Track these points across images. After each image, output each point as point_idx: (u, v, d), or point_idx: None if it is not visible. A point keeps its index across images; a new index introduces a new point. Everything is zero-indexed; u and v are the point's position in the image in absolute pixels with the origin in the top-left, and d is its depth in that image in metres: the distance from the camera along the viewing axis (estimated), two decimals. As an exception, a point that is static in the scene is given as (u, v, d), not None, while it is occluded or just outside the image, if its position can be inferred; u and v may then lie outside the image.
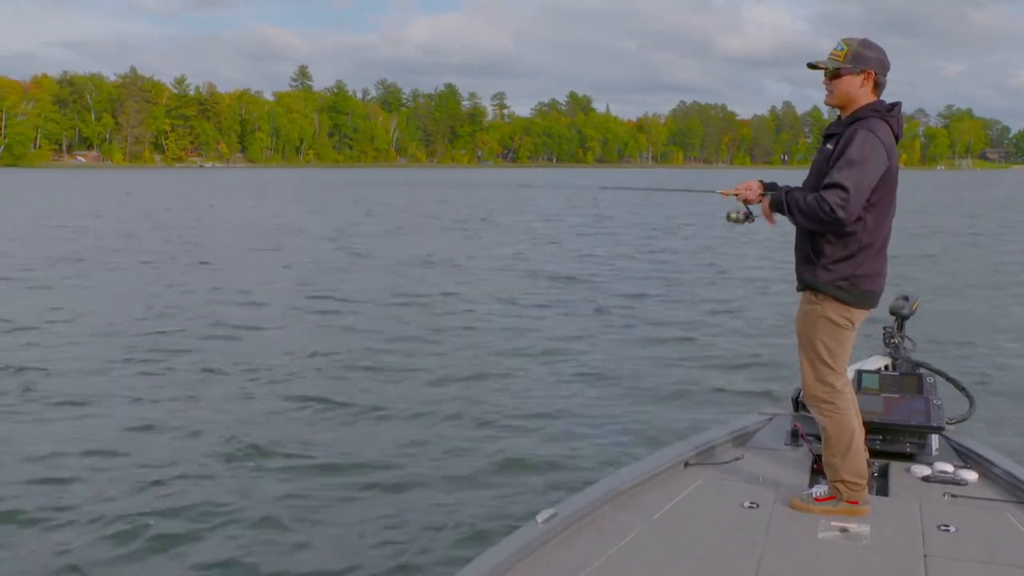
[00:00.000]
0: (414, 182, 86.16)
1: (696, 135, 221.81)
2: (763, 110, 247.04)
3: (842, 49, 3.96)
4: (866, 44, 3.98)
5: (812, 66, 4.04)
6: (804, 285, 4.07)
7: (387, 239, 26.77)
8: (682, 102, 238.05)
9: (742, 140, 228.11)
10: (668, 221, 36.08)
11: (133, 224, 31.91)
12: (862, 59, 3.94)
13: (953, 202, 54.75)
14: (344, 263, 20.47)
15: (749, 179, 4.27)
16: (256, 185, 75.22)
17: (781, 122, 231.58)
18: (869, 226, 3.91)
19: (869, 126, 3.87)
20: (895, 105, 4.00)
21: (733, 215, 4.24)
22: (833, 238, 3.92)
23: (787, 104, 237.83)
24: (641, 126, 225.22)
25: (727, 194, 4.30)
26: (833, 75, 3.98)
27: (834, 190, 3.79)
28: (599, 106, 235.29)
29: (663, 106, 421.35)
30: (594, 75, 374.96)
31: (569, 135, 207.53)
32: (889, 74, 4.03)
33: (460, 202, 48.06)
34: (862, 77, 3.95)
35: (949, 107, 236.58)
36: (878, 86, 4.00)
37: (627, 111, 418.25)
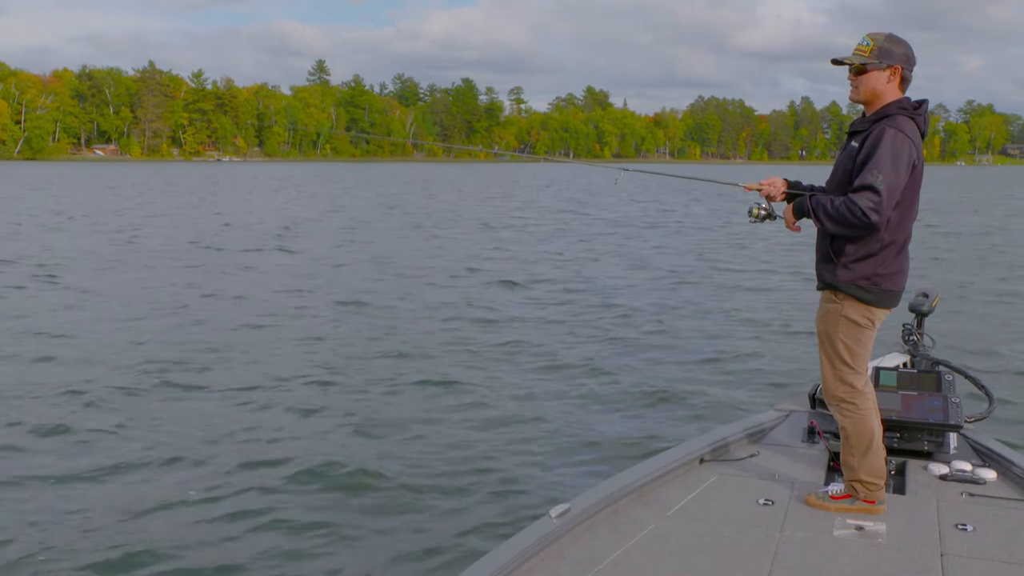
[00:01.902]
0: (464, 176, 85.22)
1: (714, 130, 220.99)
2: (781, 105, 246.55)
3: (868, 44, 3.88)
4: (892, 39, 3.90)
5: (837, 62, 3.95)
6: (824, 284, 4.01)
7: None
8: (700, 97, 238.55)
9: (760, 135, 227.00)
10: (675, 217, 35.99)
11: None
12: (888, 54, 3.87)
13: (975, 199, 54.27)
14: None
15: (773, 175, 4.19)
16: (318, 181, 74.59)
17: (799, 117, 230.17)
18: (892, 224, 3.84)
19: (897, 124, 3.79)
20: (922, 103, 3.92)
21: (755, 211, 4.14)
22: (855, 236, 3.84)
23: (805, 99, 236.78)
24: (658, 121, 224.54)
25: (750, 188, 4.21)
26: (859, 71, 3.90)
27: (865, 193, 3.71)
28: (616, 101, 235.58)
29: (681, 101, 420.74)
30: (612, 70, 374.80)
31: (586, 130, 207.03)
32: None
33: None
34: (888, 73, 3.88)
35: (969, 102, 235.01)
36: (904, 82, 3.92)
37: (645, 106, 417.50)
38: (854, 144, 3.92)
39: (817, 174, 4.39)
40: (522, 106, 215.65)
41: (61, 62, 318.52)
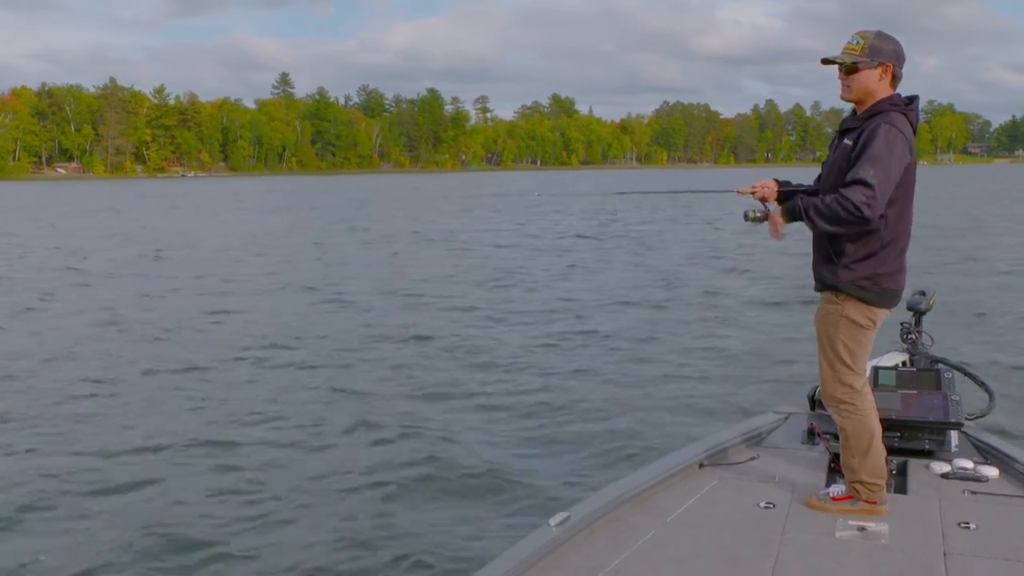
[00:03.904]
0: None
1: (680, 135, 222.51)
2: (744, 108, 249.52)
3: (857, 43, 3.84)
4: (882, 36, 3.86)
5: (827, 61, 3.90)
6: (824, 285, 3.96)
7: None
8: (665, 102, 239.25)
9: (726, 139, 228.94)
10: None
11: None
12: (879, 52, 3.83)
13: (954, 197, 54.79)
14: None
15: (764, 178, 4.18)
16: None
17: (764, 120, 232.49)
18: (890, 222, 3.80)
19: (890, 120, 3.76)
20: (913, 99, 3.90)
21: (752, 214, 4.11)
22: (854, 236, 3.80)
23: (769, 102, 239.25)
24: (625, 127, 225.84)
25: (744, 193, 4.20)
26: (850, 70, 3.86)
27: (858, 187, 3.66)
28: (582, 108, 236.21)
29: (646, 107, 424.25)
30: (576, 77, 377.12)
31: (553, 138, 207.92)
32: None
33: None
34: (880, 70, 3.84)
35: (931, 102, 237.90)
36: (895, 78, 3.89)
37: (610, 112, 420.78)
38: (847, 142, 3.87)
39: (786, 175, 4.39)
40: (488, 115, 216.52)
41: (19, 79, 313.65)
